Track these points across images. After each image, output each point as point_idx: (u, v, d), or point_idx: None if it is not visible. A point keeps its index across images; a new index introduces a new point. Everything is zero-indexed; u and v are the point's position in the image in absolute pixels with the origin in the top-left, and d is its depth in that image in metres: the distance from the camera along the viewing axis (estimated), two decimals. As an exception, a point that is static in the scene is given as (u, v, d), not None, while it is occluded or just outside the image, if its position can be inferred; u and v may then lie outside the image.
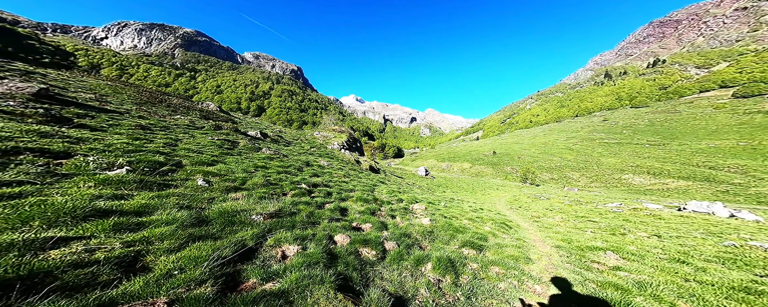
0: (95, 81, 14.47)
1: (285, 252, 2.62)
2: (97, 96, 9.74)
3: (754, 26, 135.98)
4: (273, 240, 2.73)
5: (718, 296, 3.04)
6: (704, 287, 3.29)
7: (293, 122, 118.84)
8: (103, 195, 2.63)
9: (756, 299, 2.98)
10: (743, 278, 3.71)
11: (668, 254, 4.75)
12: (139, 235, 2.15)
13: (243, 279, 2.07)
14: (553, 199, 16.96)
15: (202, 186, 3.74)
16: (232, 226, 2.83)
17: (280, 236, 2.83)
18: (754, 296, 3.04)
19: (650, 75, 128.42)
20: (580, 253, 4.59)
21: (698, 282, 3.44)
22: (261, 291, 1.93)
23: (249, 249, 2.47)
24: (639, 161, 43.99)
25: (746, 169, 35.59)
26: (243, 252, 2.38)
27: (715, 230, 7.97)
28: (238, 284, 2.00)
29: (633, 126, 74.78)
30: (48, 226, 1.94)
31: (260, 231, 2.83)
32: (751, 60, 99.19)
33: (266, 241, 2.71)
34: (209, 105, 20.57)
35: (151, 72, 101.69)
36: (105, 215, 2.28)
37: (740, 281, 3.47)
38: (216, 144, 7.13)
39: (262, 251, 2.54)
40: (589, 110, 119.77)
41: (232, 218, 2.97)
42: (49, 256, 1.66)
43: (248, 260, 2.33)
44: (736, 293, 3.11)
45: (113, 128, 5.77)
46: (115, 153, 4.01)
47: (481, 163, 53.25)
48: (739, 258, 4.62)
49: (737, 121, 61.49)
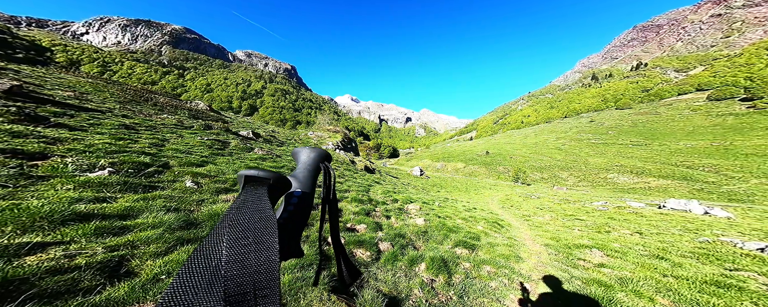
0: (74, 78, 13.80)
1: (277, 254, 2.59)
2: (76, 94, 9.30)
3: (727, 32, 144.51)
4: (265, 242, 2.69)
5: (692, 290, 3.22)
6: (680, 281, 3.47)
7: (287, 122, 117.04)
8: (83, 198, 2.52)
9: (725, 292, 3.18)
10: (715, 272, 3.94)
11: (649, 251, 4.98)
12: (123, 239, 2.07)
13: (234, 283, 2.03)
14: (543, 198, 17.45)
15: (191, 188, 3.64)
16: (223, 228, 2.77)
17: (273, 238, 2.79)
18: (723, 289, 3.24)
19: (634, 78, 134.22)
20: (568, 251, 4.75)
21: (675, 277, 3.63)
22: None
23: (240, 252, 2.42)
24: (623, 161, 45.89)
25: (719, 168, 37.76)
26: (234, 255, 2.33)
27: (691, 227, 8.42)
28: (228, 288, 1.96)
29: (618, 127, 77.94)
30: (22, 231, 1.84)
31: (252, 233, 2.78)
32: (724, 65, 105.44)
33: (258, 243, 2.66)
34: (198, 104, 20.00)
35: (136, 69, 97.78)
36: (86, 219, 2.19)
37: (712, 275, 3.69)
38: (206, 144, 6.94)
39: (254, 254, 2.50)
40: (577, 111, 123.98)
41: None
42: (25, 262, 1.58)
43: (239, 263, 2.29)
44: (708, 287, 3.30)
45: (94, 128, 5.52)
46: (96, 154, 3.84)
47: (474, 163, 54.15)
48: (711, 253, 4.90)
49: (711, 122, 65.19)
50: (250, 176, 0.38)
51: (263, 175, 0.38)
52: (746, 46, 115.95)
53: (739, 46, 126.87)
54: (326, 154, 0.57)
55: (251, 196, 0.35)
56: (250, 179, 0.38)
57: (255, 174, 0.38)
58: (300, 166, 0.54)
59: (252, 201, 0.34)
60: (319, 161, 0.55)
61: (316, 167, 0.54)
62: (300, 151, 0.57)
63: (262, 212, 0.32)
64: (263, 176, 0.38)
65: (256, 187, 0.37)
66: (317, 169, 0.54)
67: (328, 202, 0.55)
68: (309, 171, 0.52)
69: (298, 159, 0.56)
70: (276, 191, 0.40)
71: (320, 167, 0.54)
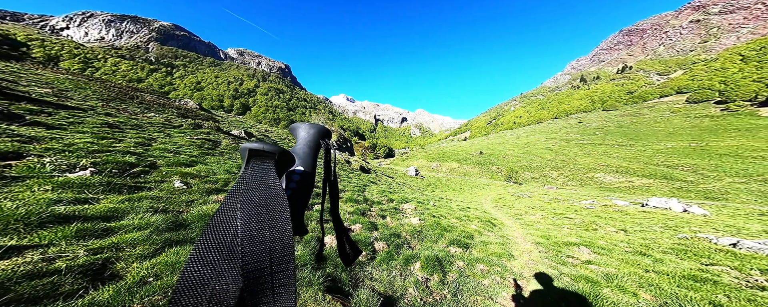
0: (53, 74, 13.14)
1: (270, 255, 2.55)
2: (55, 91, 8.85)
3: (705, 38, 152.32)
4: (257, 243, 2.65)
5: (672, 284, 3.38)
6: (661, 276, 3.64)
7: (280, 121, 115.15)
8: (62, 199, 2.40)
9: (702, 286, 3.36)
10: (692, 267, 4.15)
11: (632, 247, 5.19)
12: (107, 241, 1.99)
13: (225, 285, 1.99)
14: (534, 197, 17.87)
15: (180, 188, 3.53)
16: (213, 229, 2.70)
17: (265, 239, 2.75)
18: (700, 283, 3.42)
19: (619, 80, 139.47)
20: (557, 248, 4.88)
21: (656, 272, 3.80)
22: (245, 296, 1.87)
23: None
24: (609, 161, 47.59)
25: (696, 167, 39.74)
26: (225, 257, 2.28)
27: (671, 224, 8.81)
28: (219, 290, 1.92)
29: (604, 128, 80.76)
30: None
31: (244, 234, 2.73)
32: (701, 69, 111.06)
33: (250, 244, 2.61)
34: (188, 102, 19.42)
35: (121, 66, 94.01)
36: (66, 221, 2.09)
37: (690, 270, 3.88)
38: (195, 144, 6.75)
39: (246, 255, 2.45)
40: (566, 112, 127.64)
41: (212, 222, 2.83)
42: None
43: (231, 265, 2.24)
44: (686, 281, 3.47)
45: (75, 126, 5.27)
46: (77, 153, 3.67)
47: (468, 162, 54.91)
48: (689, 249, 5.15)
49: (690, 124, 68.52)
50: (254, 149, 0.37)
51: (268, 149, 0.37)
52: (721, 52, 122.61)
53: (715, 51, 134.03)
54: (326, 130, 0.55)
55: (259, 171, 0.34)
56: (254, 153, 0.36)
57: (260, 147, 0.37)
58: (300, 142, 0.52)
59: (260, 176, 0.33)
60: (320, 138, 0.53)
61: (316, 143, 0.52)
62: (299, 126, 0.55)
63: (272, 187, 0.32)
64: (269, 150, 0.37)
65: (262, 161, 0.36)
66: (318, 146, 0.52)
67: (329, 182, 0.54)
68: (310, 148, 0.51)
69: (297, 135, 0.54)
70: (280, 165, 0.39)
71: (321, 143, 0.53)
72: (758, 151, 42.38)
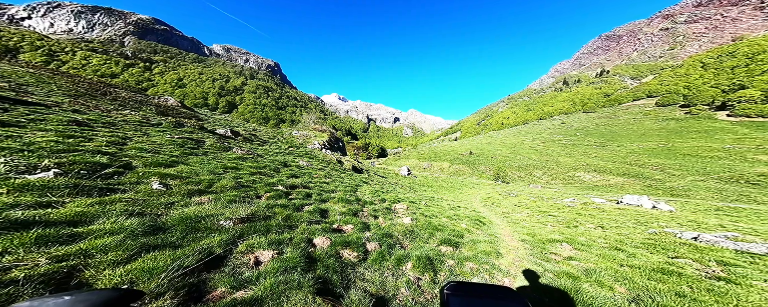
0: (10, 67, 11.99)
1: (259, 258, 2.45)
2: (12, 85, 8.08)
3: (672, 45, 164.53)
4: (245, 246, 2.53)
5: (643, 277, 3.62)
6: (634, 270, 3.89)
7: (269, 120, 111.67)
8: (20, 203, 2.18)
9: (668, 278, 3.63)
10: (661, 260, 4.46)
11: (609, 243, 5.49)
12: (73, 247, 1.82)
13: (210, 289, 1.89)
14: (520, 196, 18.52)
15: (159, 190, 3.32)
16: (196, 233, 2.56)
17: (253, 242, 2.63)
18: (667, 276, 3.70)
19: (598, 84, 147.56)
20: (542, 246, 5.07)
21: (630, 266, 4.05)
22: (231, 300, 1.79)
23: (216, 257, 2.25)
24: (588, 160, 50.27)
25: (664, 166, 42.88)
26: (209, 260, 2.16)
27: (643, 220, 9.44)
28: (203, 295, 1.81)
29: (584, 129, 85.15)
30: (-60, 243, 1.55)
31: (230, 237, 2.61)
32: (669, 74, 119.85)
33: (237, 247, 2.50)
34: (168, 100, 18.39)
35: (93, 60, 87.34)
36: (24, 227, 1.90)
37: (658, 264, 4.18)
38: (176, 143, 6.38)
39: (232, 259, 2.34)
40: (550, 114, 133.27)
41: (195, 224, 2.68)
42: (-58, 281, 1.32)
43: (216, 269, 2.13)
44: (655, 274, 3.73)
45: (36, 124, 4.83)
46: (38, 153, 3.36)
47: (459, 162, 55.95)
48: (658, 243, 5.53)
49: (658, 126, 73.80)
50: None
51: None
52: (686, 59, 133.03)
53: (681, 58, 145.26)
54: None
55: None
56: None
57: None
58: None
59: None
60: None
61: None
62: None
63: None
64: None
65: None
66: None
67: None
68: None
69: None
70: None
71: None
72: (714, 151, 46.42)
